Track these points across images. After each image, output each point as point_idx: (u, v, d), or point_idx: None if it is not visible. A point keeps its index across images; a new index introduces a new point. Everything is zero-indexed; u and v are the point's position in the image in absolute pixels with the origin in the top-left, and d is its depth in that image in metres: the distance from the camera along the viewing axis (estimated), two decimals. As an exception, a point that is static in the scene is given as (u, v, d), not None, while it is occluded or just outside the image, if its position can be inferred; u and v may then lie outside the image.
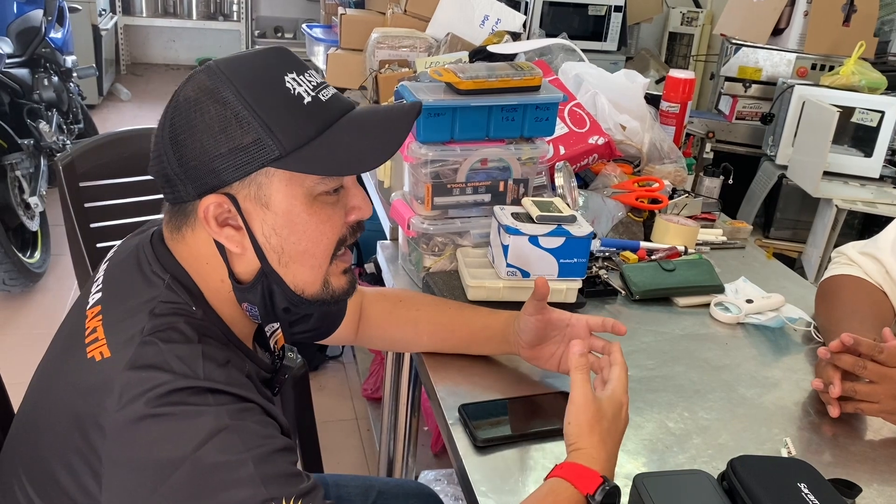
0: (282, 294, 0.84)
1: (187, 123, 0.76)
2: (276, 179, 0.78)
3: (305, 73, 0.80)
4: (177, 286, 0.81)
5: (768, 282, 1.48)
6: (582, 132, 1.65)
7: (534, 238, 1.21)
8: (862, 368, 1.04)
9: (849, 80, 2.81)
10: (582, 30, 3.92)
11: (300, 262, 0.82)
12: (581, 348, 0.88)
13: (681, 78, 1.84)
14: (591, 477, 0.79)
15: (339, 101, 0.82)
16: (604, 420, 0.84)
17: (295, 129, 0.77)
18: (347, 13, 2.69)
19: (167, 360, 0.73)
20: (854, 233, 2.83)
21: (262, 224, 0.80)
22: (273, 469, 0.71)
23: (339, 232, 0.84)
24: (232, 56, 0.81)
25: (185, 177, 0.77)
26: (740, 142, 3.22)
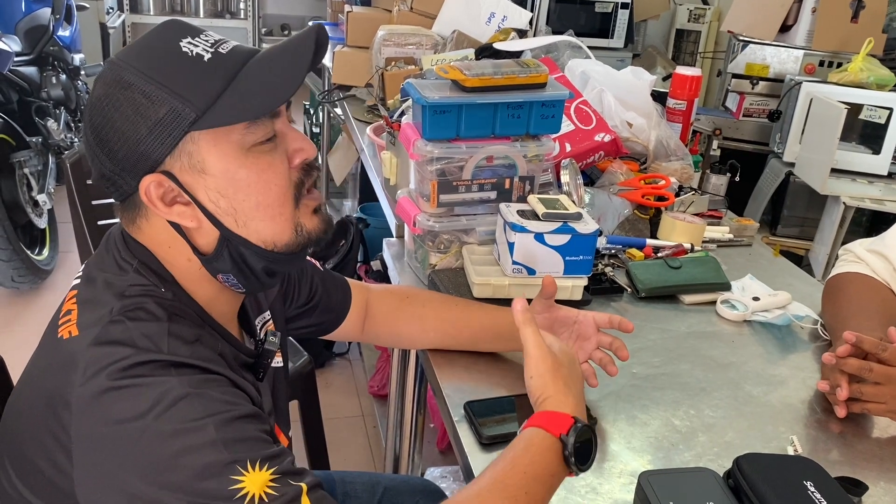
0: (253, 254, 0.83)
1: (104, 119, 0.77)
2: (203, 142, 0.78)
3: (200, 35, 0.81)
4: (145, 270, 0.81)
5: (775, 279, 1.48)
6: (588, 129, 1.65)
7: (539, 235, 1.21)
8: (868, 371, 1.03)
9: (857, 76, 2.80)
10: (589, 27, 3.91)
11: (258, 218, 0.81)
12: (522, 304, 0.88)
13: (688, 75, 1.83)
14: (561, 419, 0.79)
15: (240, 51, 0.81)
16: (562, 367, 0.85)
17: (202, 87, 0.77)
18: (354, 11, 2.69)
19: (132, 337, 0.73)
20: (862, 230, 2.82)
21: (206, 191, 0.79)
22: (236, 434, 0.70)
23: (286, 176, 0.83)
24: (129, 44, 0.82)
25: (120, 170, 0.78)
26: (747, 139, 3.22)
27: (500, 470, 0.76)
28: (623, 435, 1.00)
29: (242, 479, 0.68)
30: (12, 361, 1.04)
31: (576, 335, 1.06)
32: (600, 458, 0.95)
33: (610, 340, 1.07)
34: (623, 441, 1.00)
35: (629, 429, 1.02)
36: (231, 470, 0.68)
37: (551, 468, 0.77)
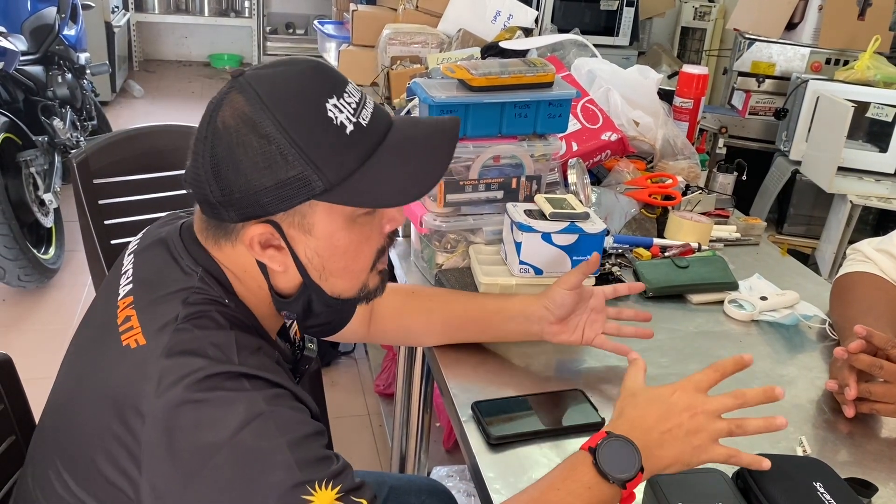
0: (320, 301, 0.86)
1: (230, 156, 0.76)
2: (319, 209, 0.79)
3: (344, 95, 0.79)
4: (209, 279, 0.82)
5: (783, 278, 1.47)
6: (595, 128, 1.65)
7: (547, 235, 1.21)
8: (878, 369, 1.03)
9: (864, 74, 2.79)
10: (594, 25, 3.91)
11: (339, 276, 0.85)
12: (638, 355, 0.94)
13: (694, 73, 1.83)
14: (600, 436, 0.81)
15: (378, 122, 0.81)
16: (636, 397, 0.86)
17: (339, 162, 0.77)
18: (359, 9, 2.69)
19: (203, 347, 0.75)
20: (869, 229, 2.81)
21: (304, 248, 0.81)
22: (306, 453, 0.73)
23: (378, 245, 0.86)
24: (268, 73, 0.79)
25: (227, 204, 0.77)
26: (753, 137, 3.21)
27: (537, 487, 0.81)
28: (631, 435, 1.00)
29: (311, 499, 0.71)
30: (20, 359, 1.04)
31: (590, 309, 1.11)
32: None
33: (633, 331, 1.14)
34: (631, 441, 0.99)
35: (637, 429, 1.02)
36: (302, 490, 0.71)
37: (585, 480, 0.79)
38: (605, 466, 0.78)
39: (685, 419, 0.82)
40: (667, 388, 0.86)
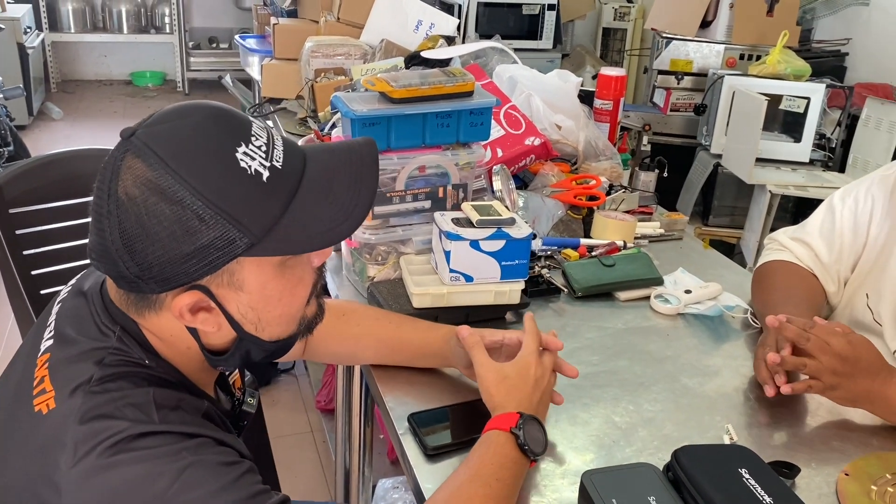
0: (259, 349, 0.84)
1: (142, 229, 0.71)
2: (248, 264, 0.76)
3: (252, 139, 0.75)
4: (128, 339, 0.79)
5: (706, 271, 1.52)
6: (518, 134, 1.67)
7: (475, 242, 1.22)
8: (805, 341, 1.06)
9: (775, 68, 2.90)
10: (517, 29, 3.96)
11: (278, 323, 0.83)
12: (467, 331, 1.01)
13: (612, 75, 1.87)
14: (509, 417, 0.90)
15: (293, 159, 0.78)
16: (508, 379, 0.95)
17: (261, 213, 0.73)
18: (280, 23, 2.67)
19: (119, 408, 0.71)
20: (789, 216, 2.93)
21: (237, 305, 0.78)
22: (241, 493, 0.71)
23: (311, 282, 0.84)
24: (163, 129, 0.73)
25: (147, 278, 0.73)
26: (676, 133, 3.30)
27: (471, 466, 0.87)
28: (566, 435, 1.02)
29: None
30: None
31: (504, 355, 1.05)
32: (544, 458, 0.97)
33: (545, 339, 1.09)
34: (566, 441, 1.01)
35: (571, 429, 1.04)
36: None
37: (512, 456, 0.88)
38: (530, 444, 0.89)
39: (543, 384, 0.98)
40: (520, 362, 0.98)
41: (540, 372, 0.98)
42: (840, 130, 2.92)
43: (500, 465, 0.87)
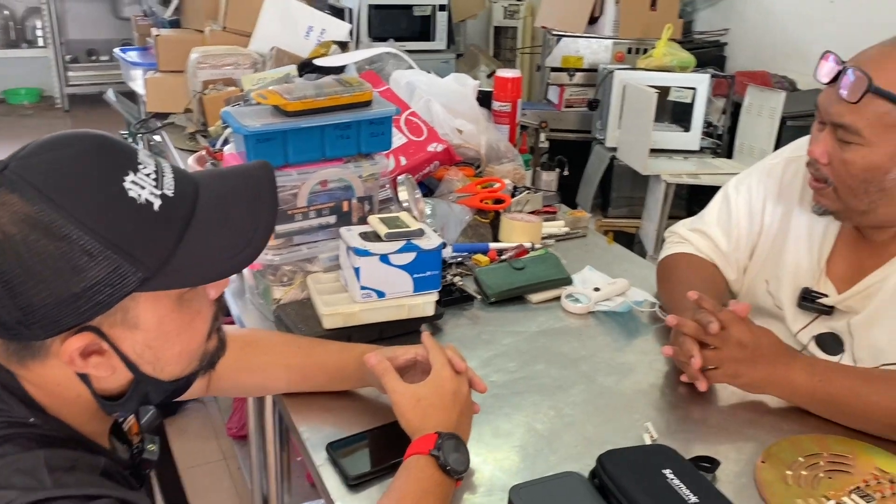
0: (158, 391, 0.78)
1: (23, 269, 0.65)
2: (143, 300, 0.70)
3: (140, 167, 0.70)
4: (8, 398, 0.72)
5: (612, 266, 1.54)
6: (420, 140, 1.65)
7: (384, 257, 1.18)
8: (705, 334, 1.09)
9: (661, 61, 2.99)
10: (410, 31, 3.94)
11: (177, 361, 0.77)
12: (375, 359, 0.98)
13: (508, 77, 1.87)
14: (427, 440, 0.88)
15: (184, 187, 0.73)
16: (423, 400, 0.93)
17: (154, 245, 0.69)
18: (162, 34, 2.54)
19: (5, 477, 0.65)
20: (683, 203, 3.03)
21: (133, 344, 0.72)
22: None
23: (210, 314, 0.79)
24: (41, 161, 0.67)
25: (30, 323, 0.67)
26: (571, 128, 3.36)
27: (394, 495, 0.84)
28: (489, 449, 1.00)
29: None
30: None
31: (420, 372, 1.03)
32: (470, 476, 0.95)
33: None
34: (490, 455, 0.99)
35: (495, 441, 1.02)
36: None
37: (436, 479, 0.86)
38: (452, 465, 0.87)
39: (461, 397, 0.96)
40: (434, 380, 0.96)
41: (455, 385, 0.96)
42: (725, 118, 3.04)
43: (423, 491, 0.85)
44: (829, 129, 1.13)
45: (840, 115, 1.09)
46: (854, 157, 1.10)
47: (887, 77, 1.05)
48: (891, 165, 1.08)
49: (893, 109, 1.05)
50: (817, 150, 1.14)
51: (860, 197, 1.12)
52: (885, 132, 1.07)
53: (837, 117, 1.09)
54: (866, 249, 1.22)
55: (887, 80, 1.04)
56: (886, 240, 1.19)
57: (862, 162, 1.09)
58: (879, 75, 1.05)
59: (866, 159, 1.09)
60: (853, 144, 1.09)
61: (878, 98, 1.05)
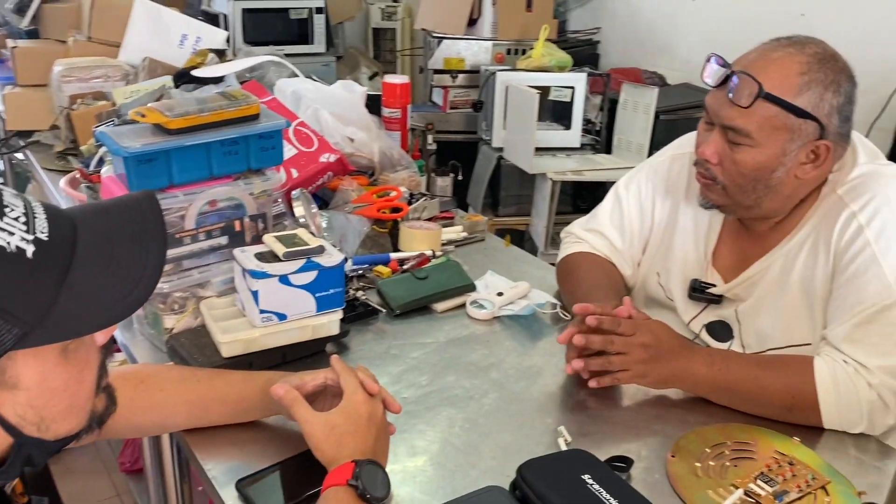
0: (43, 452, 0.71)
1: None
2: (21, 357, 0.63)
3: (6, 210, 0.63)
4: None
5: (511, 269, 1.55)
6: (311, 151, 1.60)
7: (284, 278, 1.14)
8: (610, 344, 1.11)
9: (540, 61, 3.06)
10: (287, 35, 3.85)
11: (64, 418, 0.70)
12: (282, 390, 0.93)
13: (396, 83, 1.86)
14: (344, 469, 0.85)
15: (60, 228, 0.66)
16: (336, 428, 0.90)
17: (30, 296, 0.62)
18: (19, 45, 2.35)
19: None
20: (569, 199, 3.11)
21: (13, 405, 0.65)
22: None
23: (97, 363, 0.73)
24: None
25: None
26: (457, 130, 3.38)
27: None
28: (408, 471, 0.98)
29: None
30: None
31: (330, 396, 0.99)
32: (390, 501, 0.92)
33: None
34: (409, 476, 0.97)
35: (412, 461, 1.00)
36: None
37: None
38: (371, 492, 0.84)
39: (377, 420, 0.93)
40: (347, 405, 0.92)
41: (370, 408, 0.94)
42: (603, 115, 3.15)
43: None
44: (718, 130, 1.17)
45: (731, 118, 1.13)
46: (744, 157, 1.15)
47: (773, 82, 1.10)
48: (777, 164, 1.14)
49: (780, 112, 1.11)
50: (708, 150, 1.18)
51: (748, 193, 1.18)
52: (772, 134, 1.12)
53: (728, 120, 1.14)
54: (749, 240, 1.29)
55: (773, 84, 1.10)
56: (767, 230, 1.26)
57: (752, 162, 1.14)
58: (767, 80, 1.10)
59: (756, 160, 1.14)
60: (743, 146, 1.14)
61: (766, 102, 1.10)
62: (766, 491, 0.93)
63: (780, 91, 1.10)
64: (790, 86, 1.10)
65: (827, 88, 1.11)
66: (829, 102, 1.11)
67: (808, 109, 1.11)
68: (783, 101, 1.10)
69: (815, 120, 1.11)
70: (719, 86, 1.15)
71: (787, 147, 1.13)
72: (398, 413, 0.98)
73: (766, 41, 1.18)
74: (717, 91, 1.16)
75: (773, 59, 1.13)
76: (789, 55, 1.13)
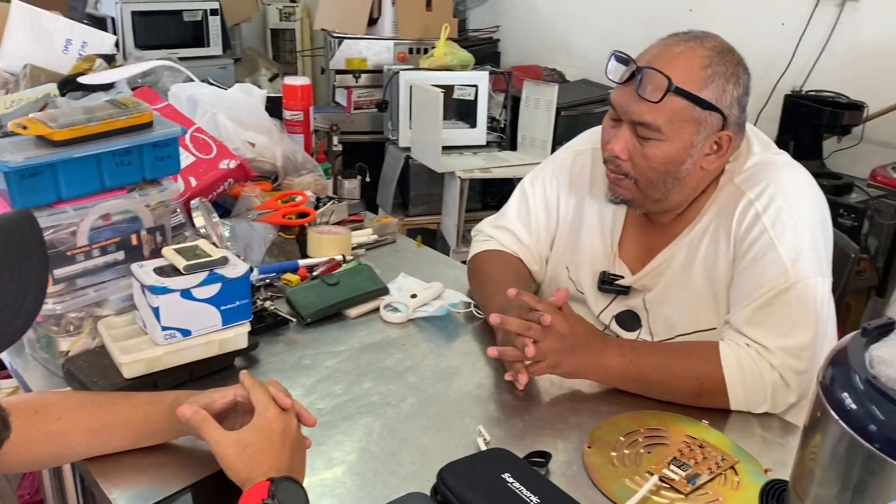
0: None
1: None
2: None
3: None
4: None
5: (424, 270, 1.54)
6: (210, 158, 1.55)
7: (186, 292, 1.09)
8: (528, 329, 1.12)
9: (443, 60, 3.07)
10: (182, 38, 3.72)
11: None
12: (189, 411, 0.89)
13: (297, 85, 1.82)
14: (259, 488, 0.81)
15: None
16: (249, 447, 0.86)
17: None
18: None
19: None
20: (478, 195, 3.13)
21: None
22: None
23: None
24: None
25: None
26: (363, 130, 3.36)
27: None
28: (326, 484, 0.96)
29: None
30: None
31: (243, 413, 0.95)
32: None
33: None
34: (328, 490, 0.95)
35: (330, 473, 0.98)
36: None
37: None
38: None
39: (291, 434, 0.90)
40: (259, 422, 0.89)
41: (283, 423, 0.90)
42: (506, 112, 3.19)
43: None
44: (627, 126, 1.19)
45: (641, 113, 1.15)
46: (654, 151, 1.17)
47: (680, 75, 1.13)
48: (685, 157, 1.17)
49: (688, 105, 1.14)
50: (617, 147, 1.19)
51: (658, 187, 1.20)
52: (681, 126, 1.15)
53: (638, 116, 1.16)
54: (653, 231, 1.32)
55: (680, 78, 1.13)
56: (670, 221, 1.29)
57: (662, 156, 1.17)
58: (674, 74, 1.13)
59: (665, 153, 1.17)
60: (653, 140, 1.16)
61: (675, 96, 1.13)
62: (680, 475, 0.96)
63: (687, 84, 1.13)
64: (695, 79, 1.14)
65: (728, 80, 1.15)
66: (730, 94, 1.16)
67: (713, 101, 1.14)
68: (691, 95, 1.13)
69: (718, 111, 1.15)
70: (625, 82, 1.17)
71: (694, 139, 1.16)
72: (313, 426, 0.96)
73: (664, 37, 1.21)
74: (623, 87, 1.18)
75: (676, 54, 1.16)
76: (691, 49, 1.16)
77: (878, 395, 0.70)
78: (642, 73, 1.14)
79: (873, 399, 0.70)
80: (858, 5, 2.63)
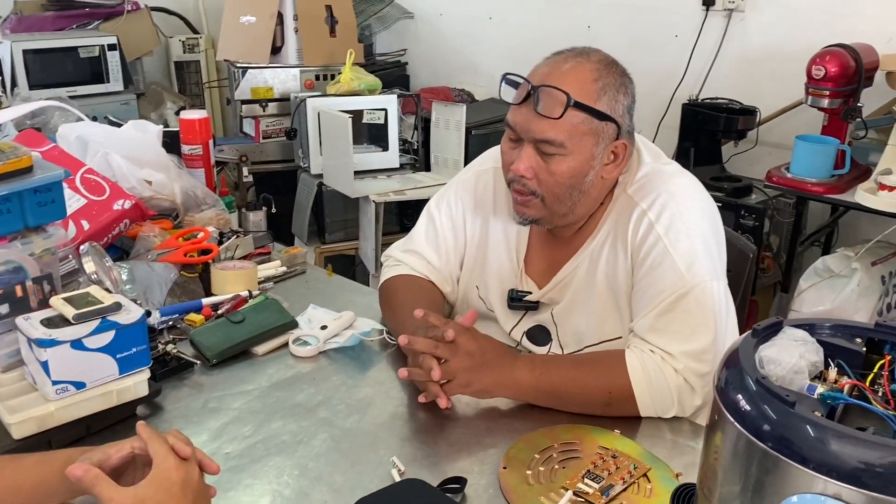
0: None
1: None
2: None
3: None
4: None
5: (335, 300, 1.52)
6: (103, 199, 1.49)
7: (77, 342, 1.03)
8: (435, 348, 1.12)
9: (350, 85, 3.05)
10: (80, 75, 3.60)
11: None
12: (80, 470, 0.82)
13: (194, 119, 1.77)
14: None
15: None
16: (147, 501, 0.82)
17: None
18: None
19: None
20: (395, 218, 3.12)
21: None
22: None
23: None
24: None
25: None
26: (274, 159, 3.30)
27: None
28: (235, 531, 0.92)
29: None
30: None
31: (142, 465, 0.90)
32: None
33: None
34: (237, 537, 0.91)
35: (240, 520, 0.94)
36: None
37: None
38: None
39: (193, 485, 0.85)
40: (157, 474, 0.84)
41: (183, 474, 0.85)
42: (418, 134, 3.19)
43: None
44: (528, 144, 1.20)
45: (542, 131, 1.17)
46: (559, 167, 1.19)
47: (575, 90, 1.15)
48: (588, 168, 1.19)
49: (586, 118, 1.16)
50: (521, 166, 1.20)
51: (564, 202, 1.22)
52: (581, 139, 1.17)
53: (540, 134, 1.17)
54: (556, 246, 1.34)
55: (575, 92, 1.15)
56: (571, 235, 1.31)
57: (567, 170, 1.19)
58: (570, 90, 1.15)
59: (570, 167, 1.18)
60: (556, 156, 1.18)
61: (574, 110, 1.15)
62: (594, 488, 0.96)
63: (582, 98, 1.15)
64: (589, 92, 1.16)
65: (618, 90, 1.18)
66: (621, 103, 1.19)
67: (607, 112, 1.17)
68: (589, 107, 1.16)
69: (613, 121, 1.18)
70: (521, 102, 1.18)
71: (594, 150, 1.19)
72: (216, 473, 0.91)
73: (550, 55, 1.23)
74: (520, 108, 1.19)
75: (566, 70, 1.18)
76: (580, 64, 1.18)
77: (768, 395, 0.72)
78: (539, 92, 1.16)
79: (765, 399, 0.72)
80: (744, 15, 2.76)
